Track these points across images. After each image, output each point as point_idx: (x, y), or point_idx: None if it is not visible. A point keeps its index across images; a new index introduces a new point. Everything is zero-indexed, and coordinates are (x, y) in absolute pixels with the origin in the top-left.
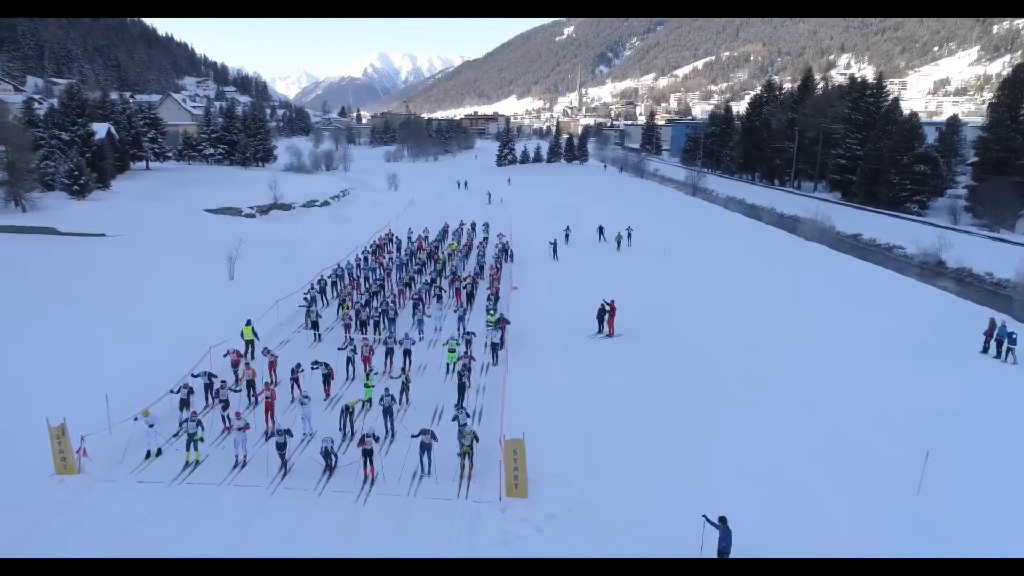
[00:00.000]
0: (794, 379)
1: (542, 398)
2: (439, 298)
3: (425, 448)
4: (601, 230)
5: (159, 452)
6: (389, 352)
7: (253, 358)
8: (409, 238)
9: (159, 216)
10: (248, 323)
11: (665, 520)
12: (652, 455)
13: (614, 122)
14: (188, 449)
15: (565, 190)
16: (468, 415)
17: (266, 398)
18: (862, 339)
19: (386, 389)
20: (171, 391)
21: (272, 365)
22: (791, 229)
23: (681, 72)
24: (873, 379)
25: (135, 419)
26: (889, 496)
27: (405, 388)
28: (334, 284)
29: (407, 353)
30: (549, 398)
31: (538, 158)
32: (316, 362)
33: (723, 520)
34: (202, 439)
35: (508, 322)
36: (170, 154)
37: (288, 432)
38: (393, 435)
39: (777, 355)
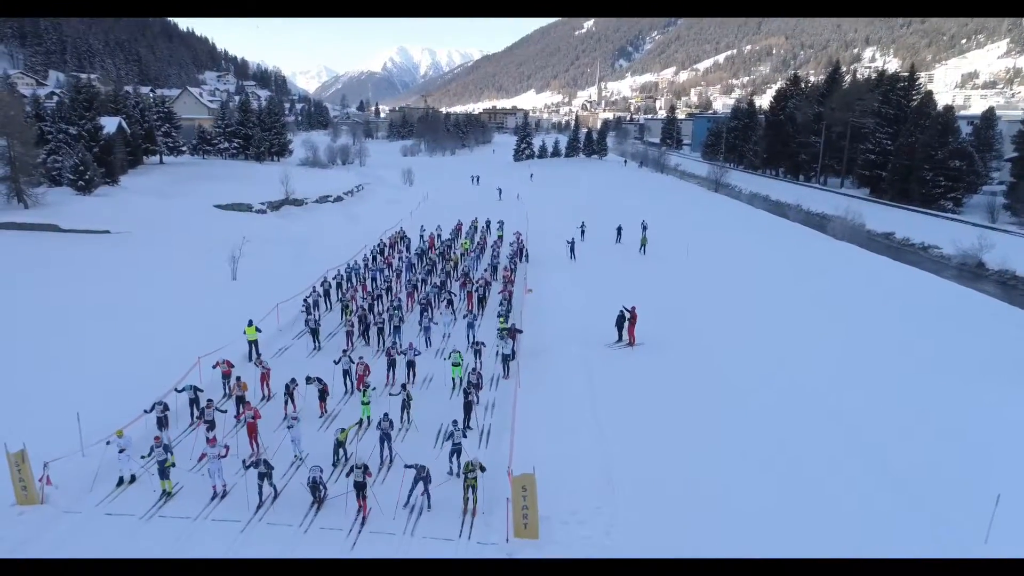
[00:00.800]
0: (826, 394)
1: (557, 419)
2: (450, 303)
3: (419, 480)
4: (619, 231)
5: (132, 479)
6: (392, 364)
7: (260, 355)
8: (421, 236)
9: (166, 212)
10: (250, 323)
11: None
12: (679, 489)
13: (634, 116)
14: (162, 478)
15: (584, 186)
16: (465, 434)
17: (248, 419)
18: (901, 349)
19: (384, 414)
20: (145, 411)
21: (264, 377)
22: (819, 227)
23: (702, 66)
24: (912, 394)
25: (107, 442)
26: (935, 531)
27: (406, 406)
28: (339, 286)
29: (411, 365)
30: (564, 419)
31: (556, 153)
32: (311, 378)
33: None
34: (172, 465)
35: (520, 331)
36: (184, 148)
37: (268, 463)
38: (391, 461)
39: (808, 367)
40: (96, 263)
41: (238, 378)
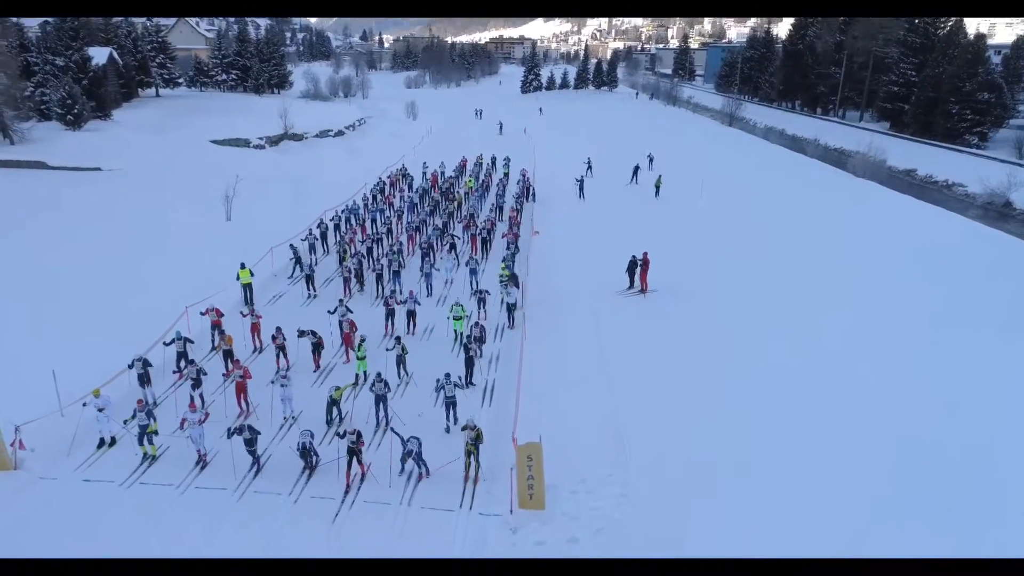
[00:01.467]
0: (842, 352)
1: (564, 374)
2: (452, 247)
3: (409, 454)
4: (636, 171)
5: (113, 441)
6: (390, 314)
7: (253, 304)
8: (424, 174)
9: (160, 148)
10: (243, 266)
11: (717, 543)
12: (691, 452)
13: (645, 46)
14: (141, 443)
15: (593, 120)
16: (464, 386)
17: (237, 378)
18: (923, 300)
19: (378, 374)
20: (128, 366)
21: (255, 328)
22: (838, 163)
23: None
24: (934, 348)
25: (84, 404)
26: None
27: (401, 360)
28: (336, 228)
29: (411, 315)
30: (572, 374)
31: (565, 84)
32: (303, 331)
33: None
34: (155, 432)
35: (519, 282)
36: (181, 80)
37: (252, 429)
38: (387, 423)
39: (826, 320)
40: (85, 203)
41: (222, 332)
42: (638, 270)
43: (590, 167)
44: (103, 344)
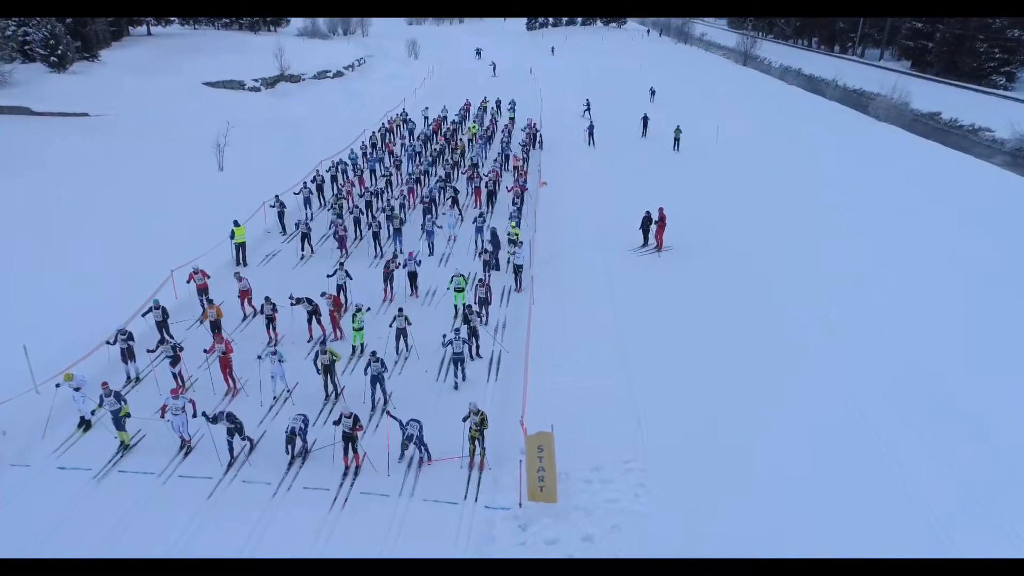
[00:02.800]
0: (891, 309)
1: (576, 346)
2: (455, 200)
3: (411, 439)
4: (645, 122)
5: (88, 425)
6: (388, 276)
7: (245, 264)
8: (425, 119)
9: (150, 91)
10: (237, 224)
11: (745, 542)
12: (713, 432)
13: None
14: (118, 429)
15: (601, 59)
16: (466, 341)
17: (220, 354)
18: (961, 256)
19: (373, 353)
20: (107, 342)
21: (244, 295)
22: (859, 106)
23: None
24: (972, 310)
25: (56, 385)
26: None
27: (403, 333)
28: (334, 179)
29: (412, 277)
30: (584, 347)
31: (571, 21)
32: (297, 299)
33: None
34: (127, 415)
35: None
36: (174, 18)
37: (233, 417)
38: (385, 402)
39: (866, 275)
40: (70, 153)
41: (210, 301)
42: (653, 227)
43: (588, 109)
44: (81, 312)
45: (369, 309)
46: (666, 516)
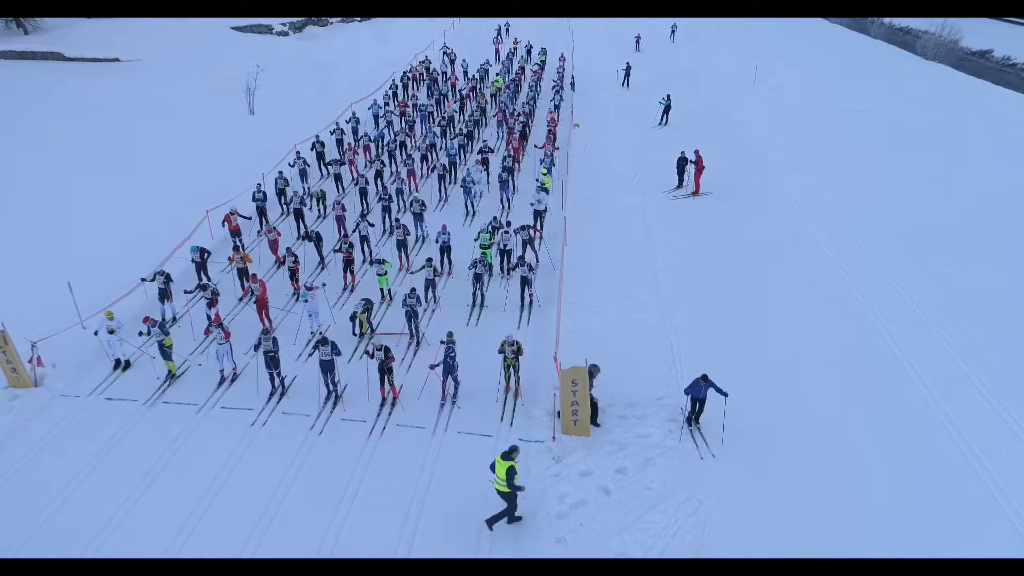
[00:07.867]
0: (956, 257)
1: (609, 287)
2: (484, 161)
3: (448, 373)
4: (627, 73)
5: (127, 364)
6: (401, 245)
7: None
8: (444, 73)
9: (179, 36)
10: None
11: (770, 481)
12: (760, 381)
13: None
14: (167, 359)
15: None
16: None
17: (254, 294)
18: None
19: (412, 289)
20: (143, 279)
21: (274, 245)
22: (905, 45)
23: None
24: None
25: (95, 332)
26: None
27: (431, 284)
28: (339, 144)
29: (445, 251)
30: (618, 288)
31: None
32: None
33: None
34: (170, 345)
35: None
36: None
37: (269, 337)
38: (419, 341)
39: (925, 220)
40: (103, 98)
41: (238, 247)
42: (691, 167)
43: (628, 74)
44: (120, 251)
45: (391, 264)
46: (696, 454)
